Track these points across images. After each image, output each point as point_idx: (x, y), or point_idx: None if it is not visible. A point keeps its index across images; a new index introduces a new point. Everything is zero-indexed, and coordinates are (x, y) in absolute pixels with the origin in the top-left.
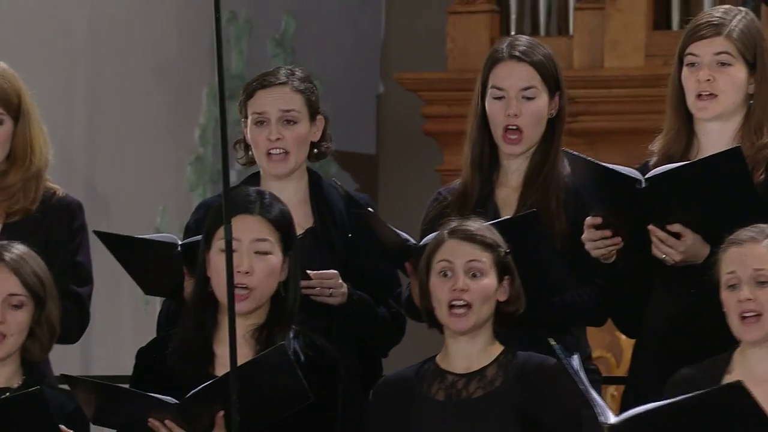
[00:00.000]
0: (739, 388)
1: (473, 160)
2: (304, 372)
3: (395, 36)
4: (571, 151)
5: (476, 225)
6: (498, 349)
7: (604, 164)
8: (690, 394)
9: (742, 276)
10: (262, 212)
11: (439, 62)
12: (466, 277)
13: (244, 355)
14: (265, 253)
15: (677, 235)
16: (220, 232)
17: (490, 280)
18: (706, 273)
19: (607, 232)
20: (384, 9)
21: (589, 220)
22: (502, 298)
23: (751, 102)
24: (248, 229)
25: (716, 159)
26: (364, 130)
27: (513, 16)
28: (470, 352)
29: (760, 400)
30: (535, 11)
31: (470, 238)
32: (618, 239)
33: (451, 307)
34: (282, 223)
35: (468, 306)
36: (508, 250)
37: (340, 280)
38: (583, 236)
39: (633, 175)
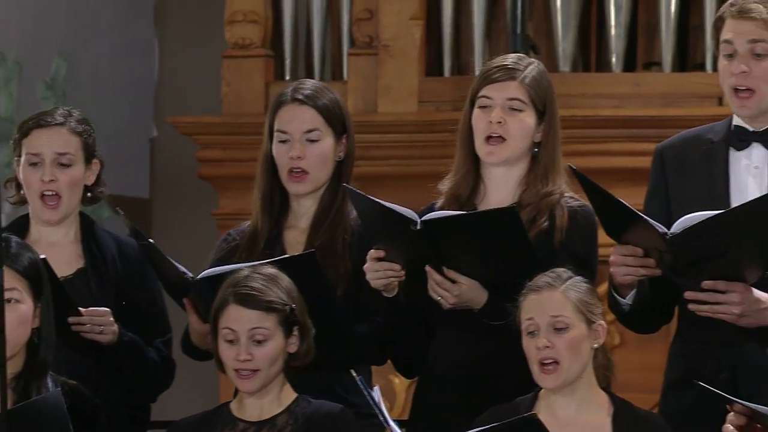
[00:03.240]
0: (533, 420)
1: (262, 203)
2: None
3: (169, 79)
4: (351, 187)
5: (259, 283)
6: (291, 396)
7: (381, 202)
8: (485, 426)
9: (539, 323)
10: (8, 263)
11: (214, 106)
12: (251, 343)
13: None
14: (14, 302)
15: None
16: None
17: (275, 343)
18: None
19: (388, 264)
20: (157, 52)
21: (372, 252)
22: (292, 350)
23: (537, 150)
24: None
25: (491, 214)
26: (138, 173)
27: (287, 61)
28: (262, 401)
29: None
30: (309, 56)
31: (254, 302)
32: (400, 272)
33: (238, 370)
34: (30, 271)
35: (255, 370)
36: (293, 305)
37: (111, 318)
38: (365, 266)
39: (409, 216)
